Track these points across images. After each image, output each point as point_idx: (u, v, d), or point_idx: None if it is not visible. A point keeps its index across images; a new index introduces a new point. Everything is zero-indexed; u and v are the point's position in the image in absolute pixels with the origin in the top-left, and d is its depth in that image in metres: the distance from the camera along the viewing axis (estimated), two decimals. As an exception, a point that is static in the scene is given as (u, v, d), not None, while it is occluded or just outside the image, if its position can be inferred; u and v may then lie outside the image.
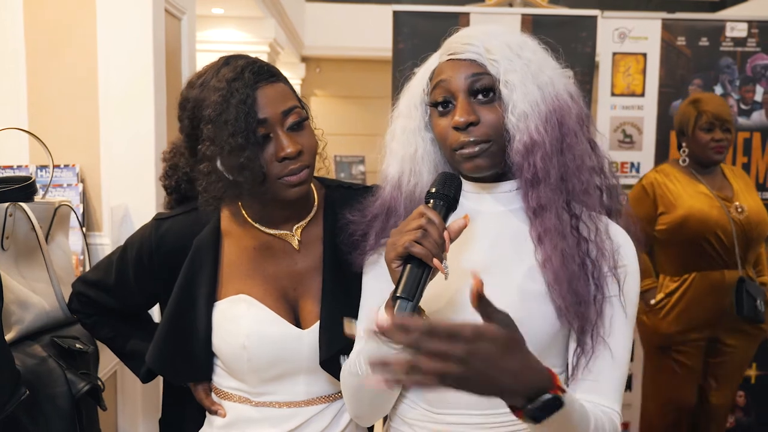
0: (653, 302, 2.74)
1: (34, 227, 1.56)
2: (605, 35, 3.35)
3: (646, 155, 3.36)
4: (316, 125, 1.35)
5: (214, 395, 1.38)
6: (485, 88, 1.09)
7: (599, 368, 1.08)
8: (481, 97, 1.10)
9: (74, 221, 1.85)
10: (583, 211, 1.11)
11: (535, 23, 3.32)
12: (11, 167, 2.12)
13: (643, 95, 3.36)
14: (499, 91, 1.09)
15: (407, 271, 0.99)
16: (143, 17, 2.17)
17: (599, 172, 1.15)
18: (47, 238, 1.64)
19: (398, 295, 0.98)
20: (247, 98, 1.19)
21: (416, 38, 3.22)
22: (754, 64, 3.36)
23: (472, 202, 1.18)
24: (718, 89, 3.34)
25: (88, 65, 2.18)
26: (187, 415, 1.43)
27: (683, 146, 2.72)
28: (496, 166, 1.13)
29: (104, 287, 1.46)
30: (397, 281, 1.00)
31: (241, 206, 1.36)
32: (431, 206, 1.04)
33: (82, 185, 2.17)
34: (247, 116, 1.19)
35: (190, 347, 1.33)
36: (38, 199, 1.63)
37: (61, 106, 2.19)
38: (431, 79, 1.16)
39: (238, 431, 1.33)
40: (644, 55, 3.35)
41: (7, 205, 1.49)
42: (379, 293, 1.17)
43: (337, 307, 1.28)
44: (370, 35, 6.82)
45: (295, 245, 1.35)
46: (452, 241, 1.02)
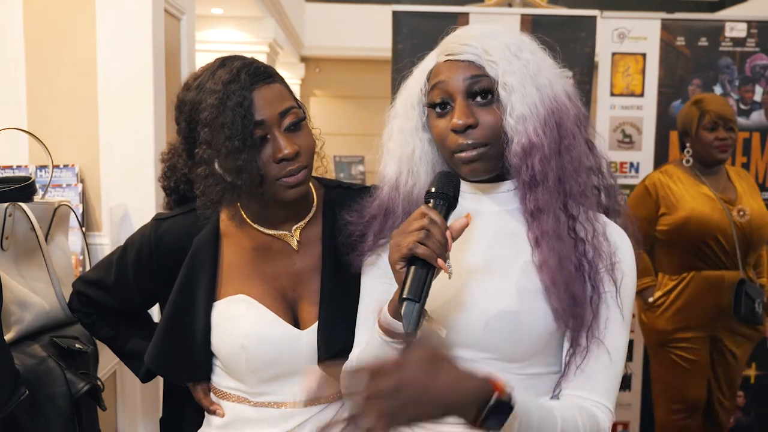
0: (651, 300, 2.74)
1: (33, 227, 1.56)
2: (604, 35, 3.35)
3: (645, 155, 3.36)
4: (313, 125, 1.34)
5: (212, 395, 1.38)
6: (484, 90, 1.09)
7: (593, 368, 1.08)
8: (479, 99, 1.09)
9: (74, 221, 1.85)
10: (580, 211, 1.10)
11: (534, 23, 3.31)
12: (11, 167, 2.12)
13: (642, 95, 3.36)
14: (497, 93, 1.08)
15: (412, 272, 0.98)
16: (143, 17, 2.17)
17: (597, 172, 1.15)
18: (47, 238, 1.64)
19: (405, 296, 0.98)
20: (243, 100, 1.19)
21: (415, 38, 3.22)
22: (753, 64, 3.35)
23: (469, 202, 1.18)
24: (717, 89, 3.34)
25: (87, 65, 2.18)
26: (186, 414, 1.43)
27: (687, 147, 2.72)
28: (494, 169, 1.13)
29: (104, 287, 1.46)
30: (402, 283, 0.99)
31: (240, 207, 1.36)
32: (432, 206, 1.04)
33: (81, 185, 2.17)
34: (243, 119, 1.18)
35: (189, 347, 1.33)
36: (38, 199, 1.63)
37: (60, 106, 2.19)
38: (429, 79, 1.15)
39: (236, 431, 1.33)
40: (643, 55, 3.35)
41: (6, 205, 1.49)
42: (377, 294, 1.17)
43: (335, 307, 1.28)
44: (369, 35, 6.82)
45: (294, 245, 1.34)
46: (454, 240, 1.02)
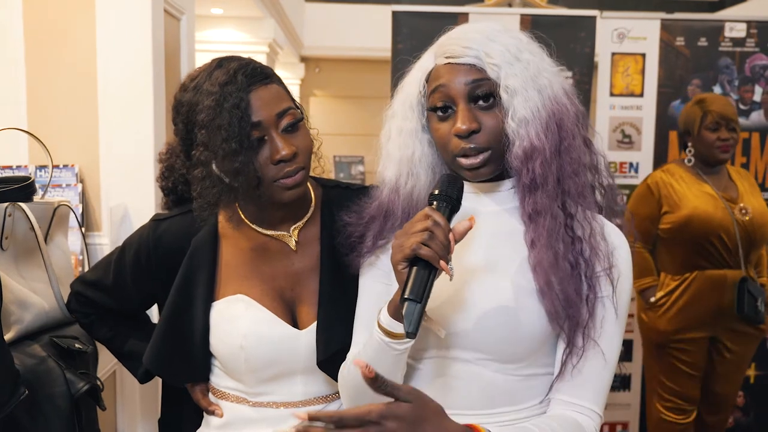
0: (653, 300, 2.74)
1: (33, 227, 1.56)
2: (604, 35, 3.35)
3: (645, 155, 3.36)
4: (311, 125, 1.34)
5: (211, 395, 1.38)
6: (486, 94, 1.08)
7: (588, 369, 1.09)
8: (481, 102, 1.09)
9: (73, 221, 1.85)
10: (578, 210, 1.10)
11: (534, 23, 3.32)
12: (10, 167, 2.12)
13: (642, 95, 3.36)
14: (499, 96, 1.08)
15: (414, 273, 0.99)
16: (142, 17, 2.17)
17: (594, 170, 1.15)
18: (46, 238, 1.64)
19: (406, 297, 0.98)
20: (240, 102, 1.18)
21: (415, 38, 3.22)
22: (752, 64, 3.35)
23: (469, 201, 1.18)
24: (717, 89, 3.34)
25: (87, 65, 2.18)
26: (184, 415, 1.43)
27: (689, 146, 2.72)
28: (496, 171, 1.13)
29: (102, 287, 1.46)
30: (404, 283, 0.99)
31: (238, 207, 1.36)
32: (435, 208, 1.04)
33: (81, 185, 2.17)
34: (240, 120, 1.18)
35: (187, 348, 1.33)
36: (37, 199, 1.63)
37: (60, 106, 2.19)
38: (428, 81, 1.14)
39: (235, 431, 1.33)
40: (643, 55, 3.35)
41: (6, 205, 1.49)
42: (376, 295, 1.17)
43: (334, 307, 1.28)
44: (369, 35, 6.82)
45: (292, 246, 1.35)
46: (457, 242, 1.02)
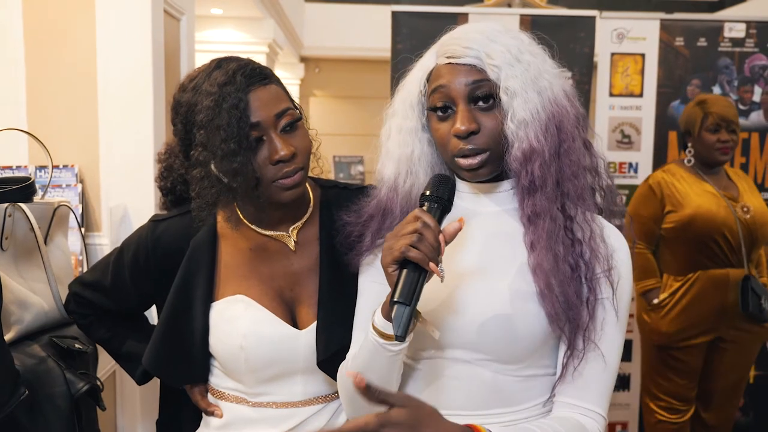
0: (656, 302, 2.74)
1: (33, 228, 1.56)
2: (604, 36, 3.35)
3: (644, 155, 3.36)
4: (310, 126, 1.34)
5: (210, 396, 1.38)
6: (486, 95, 1.08)
7: (589, 372, 1.08)
8: (481, 103, 1.09)
9: (73, 222, 1.85)
10: (578, 212, 1.10)
11: (533, 24, 3.32)
12: (10, 168, 2.12)
13: (641, 96, 3.36)
14: (498, 97, 1.08)
15: (404, 275, 0.99)
16: (142, 18, 2.17)
17: (594, 172, 1.15)
18: (46, 238, 1.64)
19: (395, 299, 0.98)
20: (239, 102, 1.19)
21: (415, 39, 3.22)
22: (752, 64, 3.36)
23: (468, 202, 1.19)
24: (716, 90, 3.34)
25: (87, 66, 2.18)
26: (183, 416, 1.43)
27: (689, 146, 2.72)
28: (494, 171, 1.13)
29: (101, 288, 1.46)
30: (393, 286, 1.00)
31: (236, 208, 1.36)
32: (426, 209, 1.04)
33: (81, 186, 2.17)
34: (239, 121, 1.18)
35: (187, 348, 1.33)
36: (37, 199, 1.63)
37: (60, 106, 2.19)
38: (428, 81, 1.14)
39: (235, 431, 1.33)
40: (642, 55, 3.35)
41: (6, 205, 1.49)
42: (375, 294, 1.17)
43: (333, 307, 1.28)
44: (369, 35, 6.83)
45: (291, 246, 1.35)
46: (448, 243, 1.02)
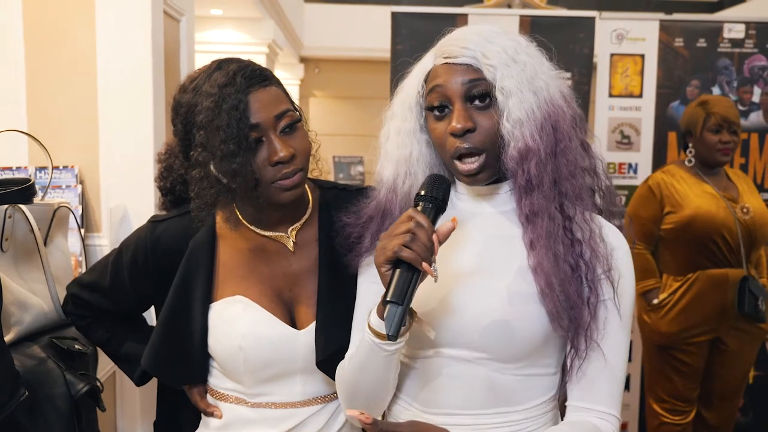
0: (656, 302, 2.74)
1: (32, 229, 1.56)
2: (603, 36, 3.35)
3: (644, 156, 3.37)
4: (309, 127, 1.34)
5: (209, 397, 1.38)
6: (482, 94, 1.09)
7: (593, 372, 1.09)
8: (477, 102, 1.10)
9: (73, 223, 1.85)
10: (576, 212, 1.11)
11: (533, 24, 3.32)
12: (10, 169, 2.12)
13: (641, 96, 3.37)
14: (494, 97, 1.09)
15: (397, 275, 0.99)
16: (142, 18, 2.18)
17: (592, 173, 1.15)
18: (46, 239, 1.64)
19: (388, 299, 0.99)
20: (238, 104, 1.19)
21: (414, 39, 3.23)
22: (751, 65, 3.36)
23: (466, 203, 1.19)
24: (715, 90, 3.34)
25: (87, 67, 2.18)
26: (182, 417, 1.43)
27: (689, 147, 2.72)
28: (493, 175, 1.13)
29: (99, 289, 1.46)
30: (386, 285, 1.00)
31: (236, 208, 1.36)
32: (420, 209, 1.04)
33: (81, 187, 2.17)
34: (239, 122, 1.18)
35: (186, 349, 1.33)
36: (37, 200, 1.63)
37: (60, 107, 2.19)
38: (426, 81, 1.15)
39: (234, 432, 1.34)
40: (642, 56, 3.35)
41: (6, 207, 1.49)
42: (373, 295, 1.17)
43: (332, 307, 1.29)
44: (368, 36, 6.83)
45: (290, 247, 1.35)
46: (441, 243, 1.02)
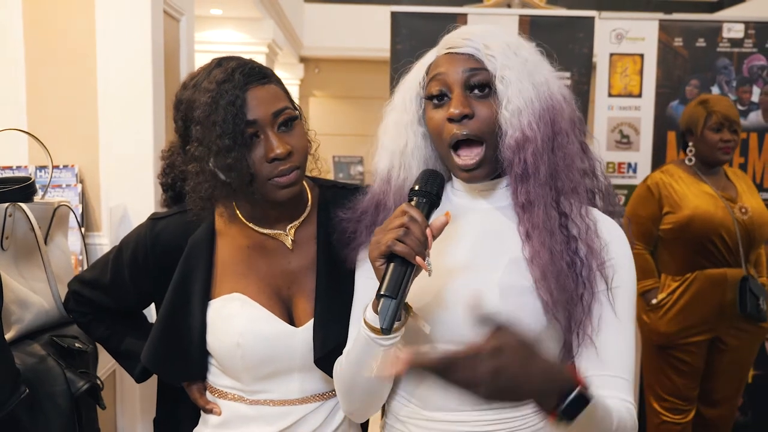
0: (655, 302, 2.75)
1: (33, 227, 1.57)
2: (602, 36, 3.36)
3: (643, 156, 3.37)
4: (309, 127, 1.35)
5: (209, 394, 1.38)
6: (482, 83, 1.10)
7: (585, 366, 1.08)
8: (477, 91, 1.10)
9: (73, 221, 1.85)
10: (572, 208, 1.11)
11: (532, 24, 3.32)
12: (10, 168, 2.13)
13: (640, 96, 3.37)
14: (494, 87, 1.09)
15: (390, 269, 1.00)
16: (142, 18, 2.18)
17: (591, 174, 1.16)
18: (46, 238, 1.64)
19: (382, 293, 1.00)
20: (235, 99, 1.20)
21: (414, 39, 3.23)
22: (750, 64, 3.36)
23: (462, 198, 1.20)
24: (715, 90, 3.35)
25: (87, 66, 2.18)
26: (181, 414, 1.43)
27: (690, 146, 2.73)
28: (492, 172, 1.14)
29: (100, 286, 1.47)
30: (381, 280, 1.01)
31: (235, 206, 1.37)
32: (414, 204, 1.05)
33: (81, 186, 2.18)
34: (235, 117, 1.19)
35: (185, 346, 1.33)
36: (37, 199, 1.64)
37: (60, 107, 2.20)
38: (428, 72, 1.16)
39: (232, 429, 1.34)
40: (641, 55, 3.36)
41: (6, 205, 1.50)
42: (370, 291, 1.17)
43: (330, 305, 1.29)
44: (368, 36, 6.84)
45: (288, 245, 1.35)
46: (435, 238, 1.03)
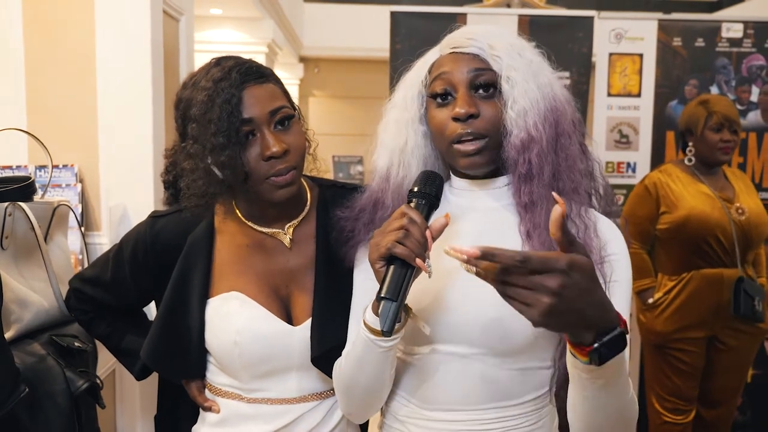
0: (651, 301, 2.75)
1: (33, 227, 1.57)
2: (602, 36, 3.36)
3: (642, 155, 3.37)
4: (307, 126, 1.35)
5: (207, 392, 1.39)
6: (487, 83, 1.10)
7: None
8: (482, 91, 1.11)
9: (73, 221, 1.86)
10: (572, 208, 1.11)
11: (532, 24, 3.33)
12: (10, 167, 2.13)
13: (639, 96, 3.37)
14: (500, 87, 1.10)
15: (390, 271, 1.00)
16: (141, 18, 2.18)
17: (590, 176, 1.16)
18: (46, 237, 1.65)
19: (382, 296, 0.99)
20: (231, 98, 1.20)
21: (413, 39, 3.23)
22: (749, 64, 3.37)
23: (463, 198, 1.20)
24: (714, 90, 3.35)
25: (86, 66, 2.19)
26: (181, 411, 1.44)
27: (689, 146, 2.73)
28: (491, 162, 1.13)
29: (100, 284, 1.47)
30: (381, 282, 1.01)
31: (234, 204, 1.37)
32: (413, 206, 1.05)
33: (80, 185, 2.18)
34: (230, 115, 1.19)
35: (184, 344, 1.33)
36: (37, 198, 1.64)
37: (59, 106, 2.20)
38: (431, 71, 1.16)
39: (230, 427, 1.34)
40: (640, 55, 3.36)
41: (6, 204, 1.50)
42: (370, 292, 1.17)
43: (329, 304, 1.29)
44: (368, 36, 6.85)
45: (287, 244, 1.36)
46: (435, 239, 1.03)
